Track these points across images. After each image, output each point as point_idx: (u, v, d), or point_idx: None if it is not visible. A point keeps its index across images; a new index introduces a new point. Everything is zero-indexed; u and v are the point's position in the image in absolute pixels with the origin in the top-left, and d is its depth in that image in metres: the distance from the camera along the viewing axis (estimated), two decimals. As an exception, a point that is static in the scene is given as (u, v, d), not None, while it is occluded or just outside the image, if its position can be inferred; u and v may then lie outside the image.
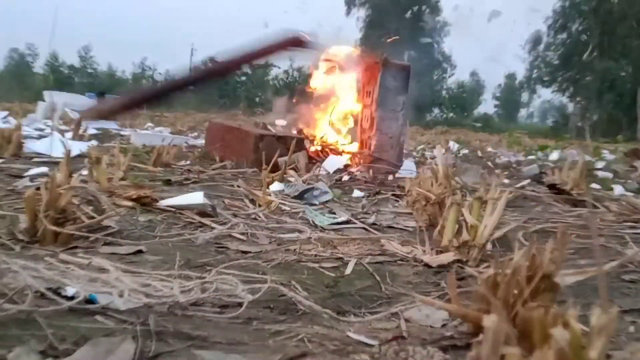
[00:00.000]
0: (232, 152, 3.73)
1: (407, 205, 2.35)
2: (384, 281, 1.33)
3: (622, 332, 1.04)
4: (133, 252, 1.43)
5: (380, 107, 3.81)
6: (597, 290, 1.26)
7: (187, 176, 2.97)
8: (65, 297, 0.96)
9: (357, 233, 1.88)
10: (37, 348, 0.79)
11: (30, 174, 2.62)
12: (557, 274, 0.91)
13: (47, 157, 3.35)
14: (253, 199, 2.30)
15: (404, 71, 3.88)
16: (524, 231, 1.85)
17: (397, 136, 3.87)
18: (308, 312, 1.06)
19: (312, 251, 1.57)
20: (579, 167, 3.06)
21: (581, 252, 1.69)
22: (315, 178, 3.14)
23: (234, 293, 1.08)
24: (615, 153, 7.65)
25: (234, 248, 1.57)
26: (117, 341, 0.83)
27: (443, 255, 1.50)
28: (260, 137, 3.61)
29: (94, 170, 2.20)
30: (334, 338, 0.94)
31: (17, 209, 1.73)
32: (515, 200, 2.76)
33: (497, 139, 12.21)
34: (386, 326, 1.03)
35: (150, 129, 7.61)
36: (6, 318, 0.87)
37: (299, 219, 2.05)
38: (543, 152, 7.18)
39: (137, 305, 0.97)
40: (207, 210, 1.94)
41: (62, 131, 5.09)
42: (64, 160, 1.68)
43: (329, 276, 1.34)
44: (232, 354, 0.84)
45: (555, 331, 0.56)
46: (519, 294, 0.89)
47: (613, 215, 2.35)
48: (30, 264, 1.03)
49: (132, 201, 1.94)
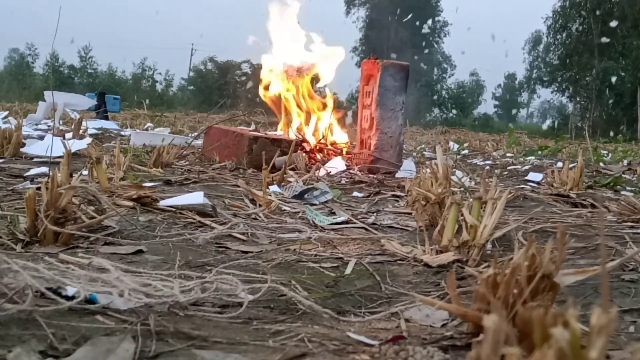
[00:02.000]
0: (229, 153, 3.77)
1: (407, 205, 2.35)
2: (384, 281, 1.33)
3: (622, 332, 1.04)
4: (133, 252, 1.43)
5: (379, 106, 3.82)
6: (597, 290, 1.27)
7: (187, 176, 2.98)
8: (66, 297, 0.96)
9: (357, 233, 1.88)
10: (37, 348, 0.79)
11: (31, 174, 2.62)
12: (557, 273, 0.91)
13: (47, 157, 3.34)
14: (253, 198, 2.31)
15: (403, 71, 3.89)
16: (524, 231, 1.85)
17: (397, 136, 3.88)
18: (308, 312, 1.06)
19: (312, 251, 1.57)
20: (579, 167, 3.06)
21: (581, 252, 1.69)
22: (315, 178, 3.14)
23: (234, 293, 1.08)
24: (614, 156, 7.64)
25: (234, 248, 1.57)
26: (117, 341, 0.83)
27: (443, 255, 1.50)
28: (254, 139, 3.66)
29: (94, 170, 2.20)
30: (334, 338, 0.94)
31: (18, 209, 1.73)
32: (515, 200, 2.76)
33: (497, 138, 12.21)
34: (386, 326, 1.04)
35: (150, 129, 7.61)
36: (6, 318, 0.87)
37: (299, 219, 2.05)
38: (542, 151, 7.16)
39: (138, 305, 0.97)
40: (207, 210, 1.94)
41: (62, 131, 5.09)
42: (64, 160, 1.68)
43: (329, 276, 1.34)
44: (232, 353, 0.84)
45: (555, 331, 0.56)
46: (518, 293, 0.89)
47: (613, 215, 2.35)
48: (30, 264, 1.03)
49: (133, 201, 1.94)
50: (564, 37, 38.42)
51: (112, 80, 42.34)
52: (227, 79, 37.81)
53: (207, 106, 24.15)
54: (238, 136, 3.86)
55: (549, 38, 40.27)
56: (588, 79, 35.87)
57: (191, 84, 44.48)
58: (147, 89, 43.67)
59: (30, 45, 45.05)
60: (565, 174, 3.09)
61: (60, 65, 43.78)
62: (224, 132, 4.15)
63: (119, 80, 44.60)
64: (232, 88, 35.02)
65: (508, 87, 51.74)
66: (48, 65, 41.86)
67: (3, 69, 45.74)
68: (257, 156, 3.49)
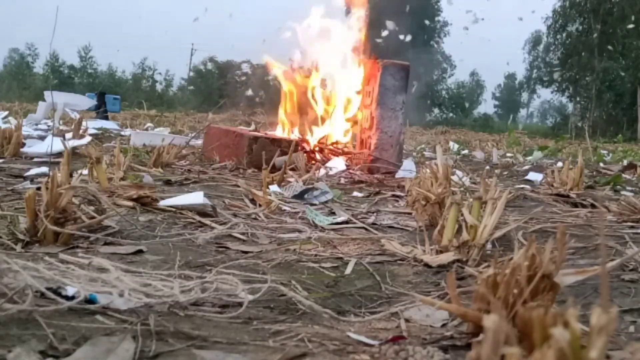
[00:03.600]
0: (229, 153, 3.78)
1: (407, 205, 2.35)
2: (384, 281, 1.33)
3: (622, 332, 1.04)
4: (133, 252, 1.43)
5: (379, 106, 3.82)
6: (597, 290, 1.27)
7: (187, 176, 2.98)
8: (66, 296, 0.96)
9: (357, 233, 1.88)
10: (37, 348, 0.79)
11: (31, 174, 2.62)
12: (557, 273, 0.91)
13: (46, 157, 3.34)
14: (253, 198, 2.31)
15: (404, 70, 3.89)
16: (524, 231, 1.85)
17: (397, 135, 3.88)
18: (308, 312, 1.06)
19: (312, 251, 1.57)
20: (579, 167, 3.06)
21: (581, 252, 1.69)
22: (315, 179, 3.14)
23: (234, 293, 1.08)
24: (615, 156, 7.63)
25: (234, 248, 1.57)
26: (117, 341, 0.83)
27: (443, 255, 1.50)
28: (254, 139, 3.67)
29: (94, 170, 2.20)
30: (334, 338, 0.94)
31: (18, 209, 1.73)
32: (515, 200, 2.76)
33: (497, 138, 12.21)
34: (386, 326, 1.04)
35: (150, 129, 7.61)
36: (6, 318, 0.87)
37: (299, 219, 2.05)
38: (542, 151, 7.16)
39: (138, 305, 0.97)
40: (207, 210, 1.94)
41: (62, 131, 5.09)
42: (64, 160, 1.68)
43: (329, 276, 1.34)
44: (232, 353, 0.84)
45: (555, 331, 0.56)
46: (518, 293, 0.89)
47: (613, 215, 2.35)
48: (30, 264, 1.03)
49: (133, 201, 1.94)
50: (564, 37, 38.43)
51: (112, 80, 42.36)
52: (227, 79, 37.78)
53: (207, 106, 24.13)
54: (238, 136, 3.86)
55: (549, 38, 40.30)
56: (588, 79, 35.87)
57: (191, 84, 44.49)
58: (147, 89, 43.71)
59: (30, 45, 45.12)
60: (565, 174, 3.09)
61: (60, 65, 43.81)
62: (224, 132, 4.16)
63: (119, 80, 44.63)
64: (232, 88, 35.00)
65: (508, 87, 51.77)
66: (48, 65, 41.90)
67: (3, 69, 45.78)
68: (257, 156, 3.49)
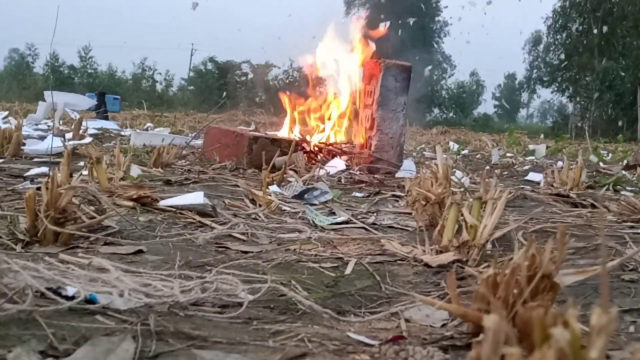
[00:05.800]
0: (229, 153, 3.78)
1: (407, 205, 2.35)
2: (384, 281, 1.33)
3: (622, 332, 1.04)
4: (133, 252, 1.43)
5: (381, 107, 3.81)
6: (597, 290, 1.27)
7: (187, 176, 2.98)
8: (66, 297, 0.96)
9: (357, 233, 1.88)
10: (37, 348, 0.79)
11: (31, 174, 2.62)
12: (557, 274, 0.91)
13: (47, 157, 3.35)
14: (253, 198, 2.31)
15: (405, 72, 3.89)
16: (524, 231, 1.85)
17: (398, 137, 3.88)
18: (308, 312, 1.06)
19: (312, 251, 1.57)
20: (579, 167, 3.06)
21: (581, 252, 1.69)
22: (315, 179, 3.14)
23: (234, 293, 1.08)
24: (615, 156, 7.63)
25: (234, 248, 1.57)
26: (117, 341, 0.83)
27: (443, 255, 1.50)
28: (254, 139, 3.67)
29: (94, 170, 2.20)
30: (334, 338, 0.94)
31: (18, 209, 1.73)
32: (515, 200, 2.76)
33: (497, 138, 12.20)
34: (386, 326, 1.04)
35: (150, 129, 7.61)
36: (6, 318, 0.87)
37: (299, 219, 2.05)
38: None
39: (138, 305, 0.97)
40: (207, 210, 1.94)
41: (62, 131, 5.09)
42: (64, 160, 1.68)
43: (329, 276, 1.34)
44: (232, 353, 0.84)
45: (555, 331, 0.56)
46: (518, 293, 0.89)
47: (613, 215, 2.35)
48: (30, 264, 1.03)
49: (133, 201, 1.94)
50: (564, 37, 38.42)
51: (112, 80, 42.34)
52: (227, 79, 37.79)
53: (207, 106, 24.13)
54: (238, 136, 3.86)
55: (549, 38, 40.28)
56: (588, 79, 35.86)
57: (191, 84, 44.47)
58: (147, 89, 43.69)
59: (30, 45, 45.10)
60: (565, 174, 3.09)
61: (60, 65, 43.78)
62: (224, 132, 4.16)
63: (119, 80, 44.61)
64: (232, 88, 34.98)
65: (508, 87, 51.75)
66: (48, 65, 41.88)
67: (3, 69, 45.77)
68: (257, 156, 3.49)
